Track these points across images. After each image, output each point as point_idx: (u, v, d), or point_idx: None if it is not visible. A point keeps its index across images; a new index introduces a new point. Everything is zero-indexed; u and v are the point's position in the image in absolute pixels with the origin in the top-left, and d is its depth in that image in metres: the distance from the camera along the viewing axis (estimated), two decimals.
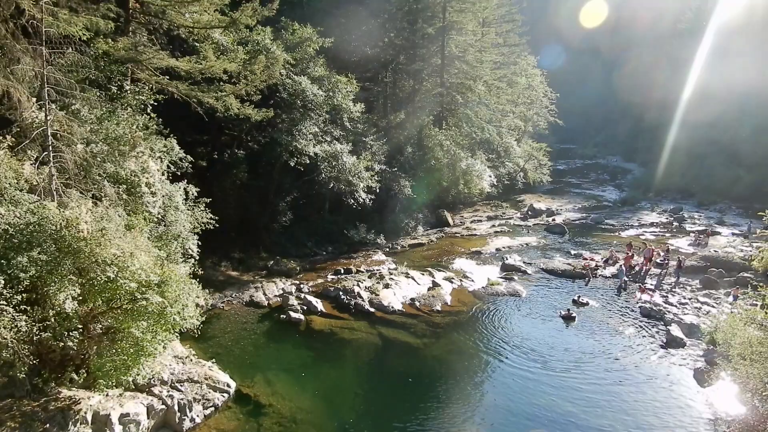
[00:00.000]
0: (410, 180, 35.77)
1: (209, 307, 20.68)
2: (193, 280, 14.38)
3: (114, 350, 12.26)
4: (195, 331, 14.01)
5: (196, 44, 22.39)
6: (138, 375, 12.73)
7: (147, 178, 16.35)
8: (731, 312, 19.85)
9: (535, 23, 75.17)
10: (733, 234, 37.52)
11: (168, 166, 18.32)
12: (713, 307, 23.45)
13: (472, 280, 26.91)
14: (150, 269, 12.28)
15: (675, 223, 41.43)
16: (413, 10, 40.09)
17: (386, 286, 24.72)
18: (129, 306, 12.13)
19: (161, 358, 14.10)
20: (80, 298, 11.85)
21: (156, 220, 16.49)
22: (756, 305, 16.84)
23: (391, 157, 36.06)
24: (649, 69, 75.84)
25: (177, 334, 13.92)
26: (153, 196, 16.57)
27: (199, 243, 18.70)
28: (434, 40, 41.74)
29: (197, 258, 18.12)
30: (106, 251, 11.71)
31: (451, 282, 26.27)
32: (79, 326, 11.89)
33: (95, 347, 12.34)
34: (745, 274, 26.13)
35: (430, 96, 42.18)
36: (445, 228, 38.41)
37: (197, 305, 14.33)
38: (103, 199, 14.47)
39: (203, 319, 14.65)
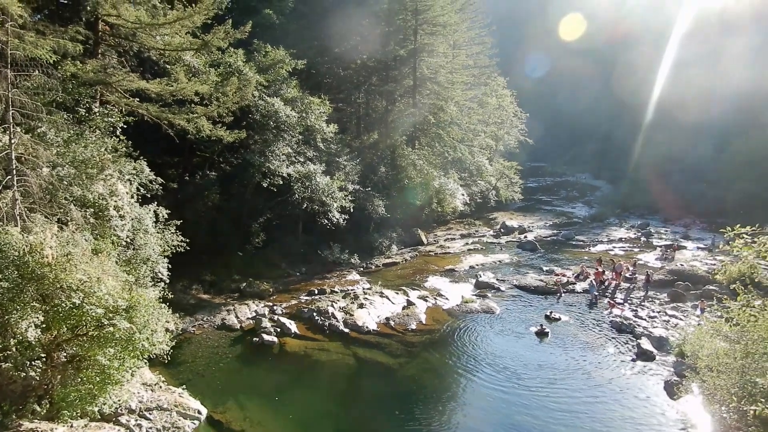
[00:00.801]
0: (384, 199, 35.91)
1: (179, 332, 20.30)
2: (163, 305, 14.12)
3: (79, 379, 11.93)
4: (165, 356, 13.74)
5: (168, 66, 22.35)
6: (104, 404, 12.38)
7: (115, 201, 16.12)
8: (698, 324, 20.31)
9: (505, 48, 77.08)
10: (698, 248, 38.55)
11: (137, 189, 18.11)
12: (681, 319, 23.95)
13: (447, 299, 27.02)
14: (118, 294, 12.04)
15: (642, 239, 42.43)
16: (385, 33, 40.73)
17: (361, 306, 24.63)
18: (95, 333, 11.84)
19: (129, 385, 13.72)
20: (44, 325, 11.54)
21: (124, 243, 16.23)
22: (722, 317, 17.27)
23: (364, 176, 36.23)
24: (615, 90, 78.43)
25: (146, 361, 13.59)
26: (121, 220, 16.32)
27: (170, 266, 18.44)
28: (406, 62, 42.44)
29: (167, 281, 17.84)
30: (72, 277, 11.46)
31: (426, 300, 26.32)
32: (42, 355, 11.56)
33: (59, 376, 11.98)
34: (711, 287, 26.78)
35: (403, 116, 42.68)
36: (419, 247, 38.58)
37: (167, 330, 14.08)
38: (69, 223, 14.17)
39: (173, 344, 14.39)
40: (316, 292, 27.07)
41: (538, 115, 70.55)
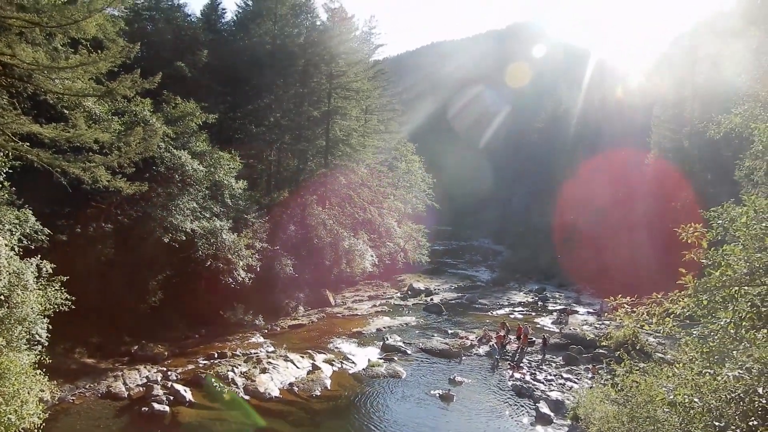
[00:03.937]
0: (292, 259, 35.28)
1: (56, 402, 18.15)
2: (38, 371, 12.63)
3: None
4: (36, 431, 12.12)
5: (66, 111, 21.02)
6: None
7: None
8: (590, 388, 21.31)
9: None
10: (589, 312, 41.19)
11: (20, 240, 16.44)
12: (575, 383, 25.06)
13: (353, 362, 26.51)
14: None
15: (539, 303, 44.69)
16: (300, 94, 41.49)
17: (263, 370, 23.49)
18: None
19: None
20: None
21: None
22: (609, 382, 18.22)
23: (273, 234, 35.51)
24: (513, 157, 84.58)
25: None
26: None
27: (50, 326, 16.58)
28: (320, 123, 43.20)
29: (46, 344, 15.99)
30: None
31: (332, 365, 25.65)
32: None
33: None
34: (600, 351, 28.37)
35: (315, 176, 42.93)
36: (327, 308, 37.92)
37: (41, 400, 12.52)
38: None
39: (47, 416, 12.76)
40: (216, 355, 25.51)
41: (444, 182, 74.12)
